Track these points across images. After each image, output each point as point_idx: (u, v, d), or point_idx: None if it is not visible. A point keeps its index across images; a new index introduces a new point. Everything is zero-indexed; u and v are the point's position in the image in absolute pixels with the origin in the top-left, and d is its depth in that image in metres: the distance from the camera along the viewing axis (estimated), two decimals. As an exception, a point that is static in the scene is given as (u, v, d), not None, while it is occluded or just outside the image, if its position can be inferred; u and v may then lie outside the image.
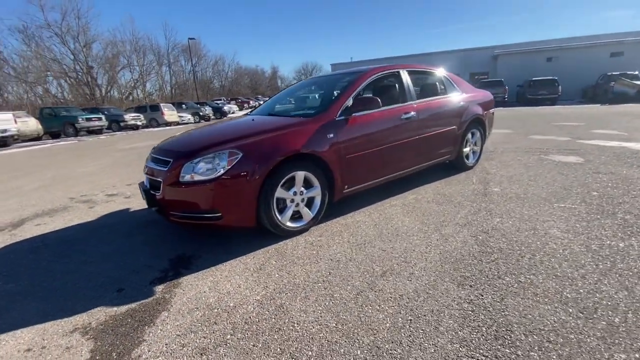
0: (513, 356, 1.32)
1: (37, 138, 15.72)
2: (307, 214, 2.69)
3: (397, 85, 3.48)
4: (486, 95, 4.59)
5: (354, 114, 2.87)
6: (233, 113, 30.35)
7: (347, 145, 2.81)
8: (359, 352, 1.41)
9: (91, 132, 18.08)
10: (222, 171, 2.25)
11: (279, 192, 2.47)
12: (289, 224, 2.59)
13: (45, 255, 2.62)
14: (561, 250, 2.12)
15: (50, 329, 1.72)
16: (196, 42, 43.98)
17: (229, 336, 1.57)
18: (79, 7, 29.30)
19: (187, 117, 23.85)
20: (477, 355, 1.34)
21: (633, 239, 2.22)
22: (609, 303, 1.60)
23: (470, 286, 1.82)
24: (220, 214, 2.29)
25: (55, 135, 17.08)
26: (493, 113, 4.72)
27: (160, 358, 1.47)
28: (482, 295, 1.73)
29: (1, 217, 3.62)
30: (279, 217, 2.51)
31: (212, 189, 2.25)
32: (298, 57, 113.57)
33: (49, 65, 27.60)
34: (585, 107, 15.29)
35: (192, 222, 2.38)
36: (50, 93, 27.69)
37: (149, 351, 1.51)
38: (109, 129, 19.66)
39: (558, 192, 3.24)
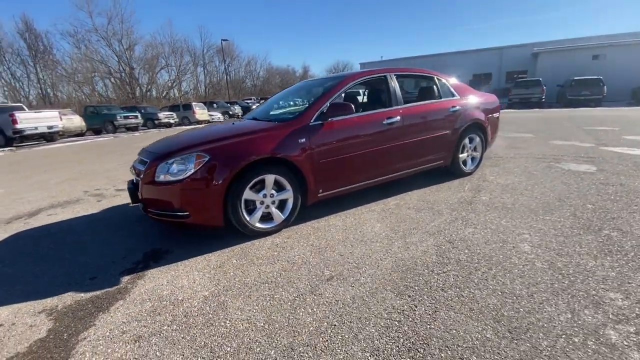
0: (415, 369, 1.32)
1: (80, 134, 17.17)
2: (278, 216, 2.77)
3: (382, 90, 3.46)
4: (489, 99, 4.39)
5: (330, 119, 2.90)
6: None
7: (321, 150, 2.85)
8: (272, 352, 1.47)
9: (129, 129, 19.45)
10: (189, 173, 2.40)
11: (248, 194, 2.58)
12: (258, 224, 2.69)
13: (46, 243, 2.93)
14: (521, 266, 2.03)
15: (23, 309, 1.95)
16: (229, 43, 45.56)
17: (165, 327, 1.70)
18: (122, 12, 31.39)
19: (217, 115, 24.81)
20: (381, 365, 1.35)
21: (607, 258, 2.07)
22: (545, 325, 1.52)
23: (409, 296, 1.81)
24: (187, 213, 2.44)
25: (97, 132, 18.56)
26: (498, 117, 4.51)
27: (100, 341, 1.63)
28: (416, 307, 1.71)
29: (23, 207, 4.07)
30: (247, 218, 2.62)
31: (180, 189, 2.40)
32: (330, 55, 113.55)
33: (95, 66, 30.11)
34: (631, 109, 13.97)
35: (166, 220, 2.55)
36: (96, 92, 30.11)
37: (94, 334, 1.68)
38: (144, 127, 21.02)
39: (550, 203, 3.05)
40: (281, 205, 2.81)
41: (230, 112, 26.57)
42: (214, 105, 27.23)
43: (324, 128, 2.88)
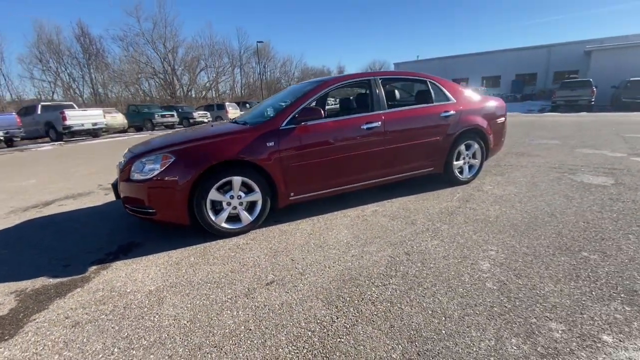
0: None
1: (122, 131, 18.62)
2: (246, 218, 2.83)
3: (365, 95, 3.39)
4: (493, 103, 4.12)
5: (303, 123, 2.91)
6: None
7: (292, 154, 2.87)
8: (181, 350, 1.53)
9: (166, 126, 20.75)
10: (156, 172, 2.54)
11: (214, 195, 2.67)
12: (225, 225, 2.77)
13: (48, 230, 3.25)
14: (469, 285, 1.90)
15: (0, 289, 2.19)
16: (265, 44, 46.74)
17: (103, 316, 1.83)
18: (166, 16, 33.50)
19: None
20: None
21: (571, 283, 1.87)
22: (459, 351, 1.43)
23: (336, 307, 1.77)
24: (154, 211, 2.59)
25: (138, 129, 20.01)
26: (504, 123, 4.22)
27: (45, 324, 1.79)
28: (337, 319, 1.68)
29: (43, 197, 4.53)
30: (213, 218, 2.71)
31: (147, 187, 2.55)
32: (366, 55, 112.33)
33: (141, 67, 32.54)
34: (697, 114, 12.28)
35: (139, 216, 2.72)
36: (141, 92, 32.52)
37: (42, 317, 1.85)
38: (180, 125, 22.30)
39: (539, 218, 2.81)
40: (251, 207, 2.88)
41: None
42: (247, 105, 28.16)
43: (295, 132, 2.89)
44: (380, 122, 3.22)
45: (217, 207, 2.76)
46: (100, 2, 53.27)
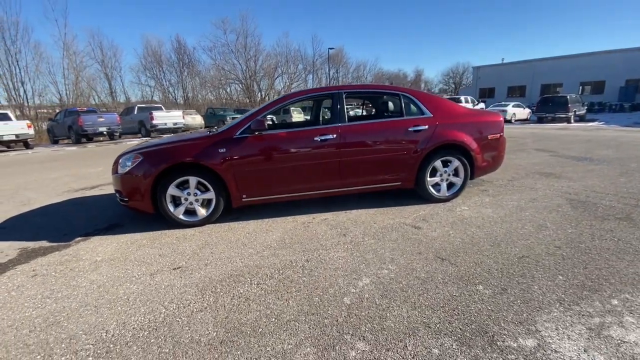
0: None
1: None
2: (201, 213, 3.27)
3: (326, 108, 3.52)
4: (483, 118, 3.80)
5: (257, 133, 3.22)
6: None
7: (243, 160, 3.21)
8: (74, 304, 2.00)
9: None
10: (127, 168, 3.15)
11: (173, 191, 3.17)
12: (182, 217, 3.25)
13: (77, 207, 4.21)
14: (325, 298, 1.98)
15: (14, 245, 3.02)
16: (338, 50, 47.92)
17: (53, 272, 2.44)
18: (247, 28, 37.03)
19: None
20: None
21: (425, 312, 1.80)
22: (249, 346, 1.58)
23: (202, 295, 2.05)
24: (127, 199, 3.21)
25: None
26: (498, 139, 3.84)
27: (18, 272, 2.48)
28: (192, 303, 1.96)
29: (94, 182, 5.74)
30: (172, 210, 3.21)
31: (121, 179, 3.19)
32: (447, 58, 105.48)
33: (225, 74, 36.72)
34: None
35: (121, 203, 3.38)
36: (224, 96, 36.70)
37: (20, 268, 2.56)
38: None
39: (477, 245, 2.59)
40: (208, 204, 3.31)
41: (326, 117, 28.24)
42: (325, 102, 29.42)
43: (247, 141, 3.22)
44: (335, 135, 3.33)
45: (177, 201, 3.26)
46: (196, 18, 62.01)
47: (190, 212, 3.30)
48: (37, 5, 27.96)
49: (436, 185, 3.74)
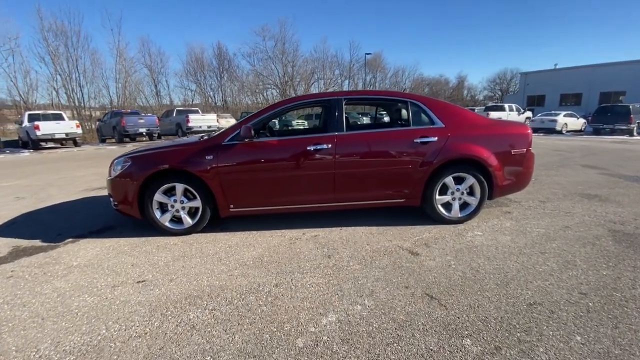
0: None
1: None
2: (187, 221, 3.15)
3: (323, 115, 3.25)
4: (506, 129, 3.31)
5: (247, 140, 3.05)
6: (384, 118, 31.22)
7: (231, 169, 3.04)
8: (25, 315, 1.93)
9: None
10: (118, 173, 3.12)
11: (160, 197, 3.09)
12: (167, 224, 3.16)
13: (85, 206, 4.33)
14: (278, 334, 1.70)
15: (11, 242, 3.11)
16: (376, 55, 47.27)
17: (27, 276, 2.42)
18: (286, 34, 37.78)
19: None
20: None
21: (364, 353, 1.46)
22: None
23: (149, 317, 1.88)
24: (117, 203, 3.18)
25: (246, 132, 23.39)
26: (525, 154, 3.31)
27: (2, 270, 2.50)
28: (132, 325, 1.79)
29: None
30: (158, 216, 3.13)
31: (112, 183, 3.17)
32: (494, 63, 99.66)
33: (263, 79, 37.80)
34: None
35: (113, 206, 3.36)
36: (262, 101, 37.77)
37: (2, 267, 2.58)
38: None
39: (480, 282, 2.17)
40: (195, 212, 3.18)
41: (359, 122, 27.88)
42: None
43: (236, 148, 3.06)
44: (330, 145, 3.06)
45: (165, 208, 3.17)
46: (237, 25, 64.83)
47: (177, 219, 3.19)
48: (96, 16, 30.56)
49: (447, 205, 3.31)
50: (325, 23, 66.72)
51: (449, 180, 3.22)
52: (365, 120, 22.41)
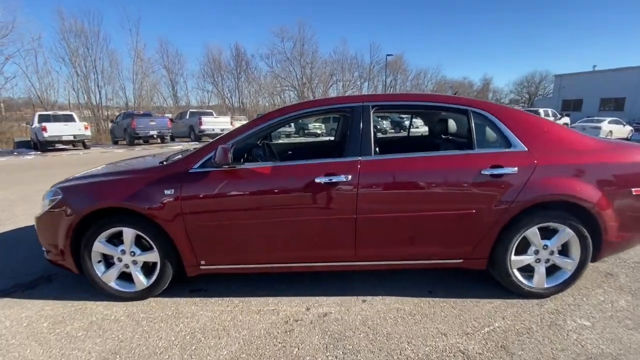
0: None
1: (247, 136, 21.36)
2: (140, 280, 2.17)
3: (337, 129, 2.22)
4: (622, 158, 2.14)
5: (225, 167, 2.03)
6: (417, 128, 29.79)
7: (201, 208, 2.05)
8: None
9: (287, 135, 22.75)
10: (45, 208, 2.18)
11: (101, 246, 2.12)
12: (113, 284, 2.19)
13: (31, 238, 3.45)
14: None
15: None
16: (397, 57, 45.64)
17: None
18: (304, 35, 36.93)
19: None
20: None
21: None
22: None
23: None
24: (45, 250, 2.24)
25: (261, 135, 22.61)
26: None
27: None
28: None
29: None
30: (99, 273, 2.17)
31: (37, 221, 2.23)
32: (523, 64, 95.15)
33: (281, 81, 37.11)
34: None
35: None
36: (279, 103, 37.05)
37: None
38: (297, 134, 24.00)
39: None
40: (153, 269, 2.20)
41: (378, 127, 26.61)
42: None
43: (209, 178, 2.05)
44: (351, 176, 1.99)
45: (110, 261, 2.21)
46: (255, 26, 64.77)
47: (127, 277, 2.23)
48: (115, 16, 30.69)
49: (526, 269, 2.18)
50: (346, 22, 65.47)
51: (532, 232, 2.08)
52: (398, 134, 21.14)
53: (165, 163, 2.24)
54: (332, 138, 4.18)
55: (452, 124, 2.86)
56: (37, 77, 22.61)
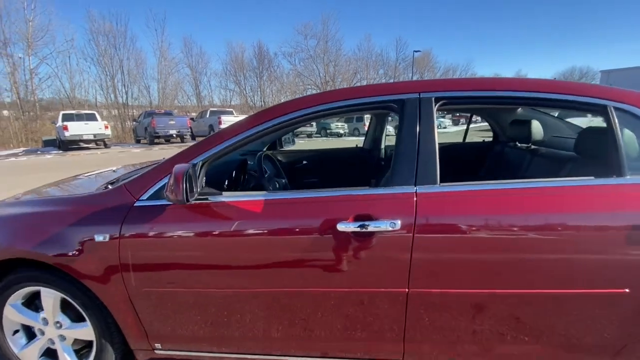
0: None
1: (268, 135, 20.87)
2: (68, 362, 1.44)
3: (369, 133, 1.51)
4: None
5: (190, 201, 1.23)
6: (445, 128, 28.14)
7: (152, 263, 1.27)
8: None
9: (309, 135, 22.07)
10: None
11: (13, 312, 1.41)
12: (33, 367, 1.47)
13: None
14: None
15: None
16: (425, 54, 43.70)
17: None
18: (328, 31, 36.07)
19: (390, 128, 24.22)
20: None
21: None
22: None
23: None
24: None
25: (282, 135, 22.06)
26: None
27: None
28: None
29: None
30: (15, 350, 1.46)
31: None
32: (559, 60, 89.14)
33: (304, 80, 36.44)
34: None
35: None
36: (301, 101, 36.36)
37: None
38: (318, 134, 23.23)
39: None
40: (89, 349, 1.45)
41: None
42: (389, 118, 26.75)
43: (165, 217, 1.26)
44: (400, 221, 1.12)
45: (31, 332, 1.49)
46: (278, 23, 64.25)
47: (53, 354, 1.50)
48: (141, 16, 31.12)
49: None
50: (372, 18, 63.54)
51: None
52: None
53: (108, 187, 1.48)
54: (359, 143, 3.33)
55: (537, 127, 1.95)
56: (68, 78, 23.26)
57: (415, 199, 1.16)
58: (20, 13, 20.18)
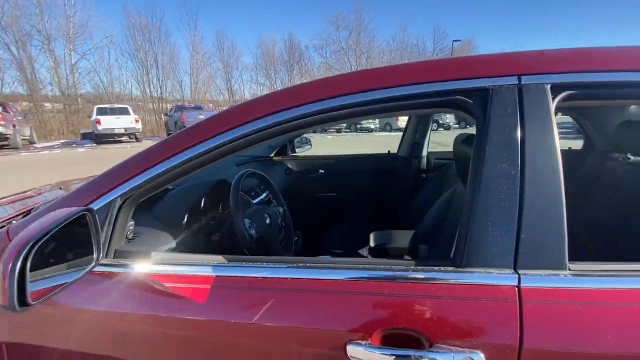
0: None
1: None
2: None
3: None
4: None
5: (31, 305, 0.68)
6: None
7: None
8: None
9: (338, 130, 21.41)
10: None
11: None
12: None
13: None
14: None
15: None
16: (465, 43, 40.89)
17: None
18: (361, 22, 34.94)
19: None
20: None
21: None
22: None
23: None
24: None
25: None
26: None
27: None
28: None
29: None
30: None
31: None
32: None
33: (335, 72, 35.66)
34: None
35: None
36: (330, 95, 35.58)
37: None
38: (348, 129, 22.46)
39: None
40: None
41: (440, 121, 23.90)
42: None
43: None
44: (480, 353, 0.51)
45: None
46: (310, 14, 62.88)
47: None
48: (175, 11, 31.76)
49: None
50: (408, 6, 60.54)
51: None
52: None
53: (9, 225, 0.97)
54: (391, 146, 2.63)
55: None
56: (107, 73, 24.29)
57: (518, 301, 0.53)
58: (61, 9, 21.23)
